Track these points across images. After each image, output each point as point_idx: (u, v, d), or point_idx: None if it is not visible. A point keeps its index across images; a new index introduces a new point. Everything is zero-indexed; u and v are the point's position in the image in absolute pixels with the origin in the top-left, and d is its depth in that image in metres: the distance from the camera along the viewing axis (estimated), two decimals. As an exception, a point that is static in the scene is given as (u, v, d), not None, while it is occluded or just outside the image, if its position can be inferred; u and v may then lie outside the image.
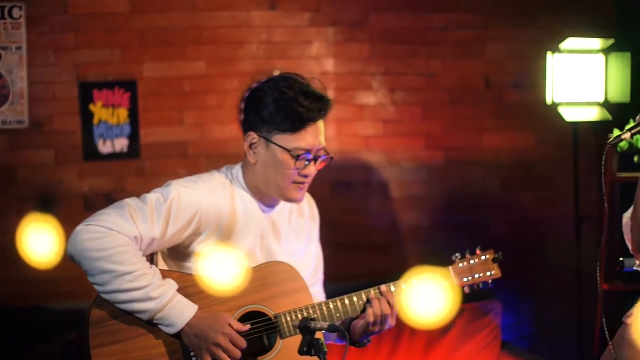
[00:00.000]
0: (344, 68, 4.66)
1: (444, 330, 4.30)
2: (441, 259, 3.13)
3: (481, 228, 4.86)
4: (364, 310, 2.95)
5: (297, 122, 2.84)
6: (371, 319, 2.92)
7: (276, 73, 4.50)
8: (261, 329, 2.86)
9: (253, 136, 2.89)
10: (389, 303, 2.94)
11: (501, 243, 4.63)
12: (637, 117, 3.01)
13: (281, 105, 2.84)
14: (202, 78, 4.53)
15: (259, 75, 4.53)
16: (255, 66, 4.56)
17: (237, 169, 2.98)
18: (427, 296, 2.94)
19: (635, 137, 4.62)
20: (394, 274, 3.03)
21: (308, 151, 2.86)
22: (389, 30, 4.71)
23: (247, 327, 2.80)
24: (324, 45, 4.64)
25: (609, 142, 2.96)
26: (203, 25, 4.51)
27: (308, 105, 2.84)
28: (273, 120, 2.85)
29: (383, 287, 2.98)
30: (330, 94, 4.57)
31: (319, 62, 4.63)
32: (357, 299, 2.95)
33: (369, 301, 2.94)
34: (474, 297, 4.00)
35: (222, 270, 2.86)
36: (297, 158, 2.85)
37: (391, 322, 2.96)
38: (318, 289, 3.15)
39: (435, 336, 4.29)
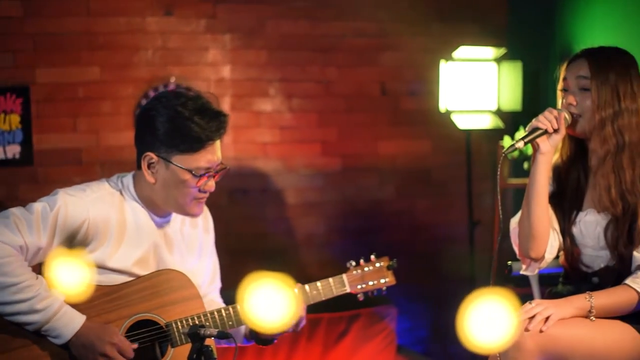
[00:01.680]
0: (241, 74, 4.65)
1: (340, 335, 4.32)
2: (337, 265, 3.15)
3: (377, 234, 4.90)
4: None
5: (196, 143, 2.82)
6: None
7: (172, 80, 4.48)
8: (152, 338, 2.84)
9: (151, 156, 2.85)
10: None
11: (397, 249, 4.73)
12: (528, 126, 3.10)
13: (177, 125, 2.80)
14: (97, 84, 4.46)
15: (154, 82, 4.50)
16: (150, 72, 4.52)
17: (129, 178, 2.94)
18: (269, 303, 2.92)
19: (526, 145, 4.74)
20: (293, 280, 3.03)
21: (208, 169, 2.85)
22: (286, 37, 4.73)
23: (135, 345, 2.78)
24: (220, 51, 4.63)
25: (504, 151, 3.04)
26: (97, 31, 4.45)
27: (205, 125, 2.81)
28: (171, 142, 2.81)
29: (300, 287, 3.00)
30: (227, 101, 4.58)
31: (215, 68, 4.62)
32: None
33: None
34: (369, 302, 4.05)
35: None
36: (199, 177, 2.83)
37: (303, 322, 2.99)
38: (215, 297, 3.14)
39: (332, 341, 4.31)
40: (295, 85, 4.76)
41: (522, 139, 3.05)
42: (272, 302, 2.86)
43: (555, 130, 3.06)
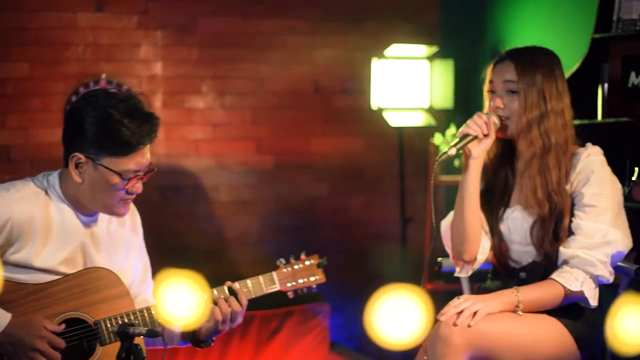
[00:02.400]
0: (173, 71, 4.63)
1: (273, 333, 4.33)
2: (270, 263, 3.15)
3: (310, 232, 4.91)
4: None
5: (127, 147, 2.78)
6: (219, 318, 2.91)
7: (103, 76, 4.44)
8: (80, 336, 2.81)
9: (79, 157, 2.80)
10: (239, 301, 2.95)
11: (330, 246, 4.75)
12: (458, 132, 3.13)
13: (107, 128, 2.75)
14: (26, 80, 4.40)
15: (85, 78, 4.45)
16: (81, 68, 4.47)
17: (55, 177, 2.90)
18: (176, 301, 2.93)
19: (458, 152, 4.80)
20: (223, 278, 3.02)
21: (137, 171, 2.82)
22: (218, 34, 4.71)
23: (62, 326, 2.74)
24: (152, 48, 4.60)
25: (437, 158, 3.08)
26: (27, 26, 4.39)
27: (136, 129, 2.76)
28: (100, 144, 2.77)
29: (236, 285, 2.98)
30: (159, 98, 4.55)
31: (147, 65, 4.58)
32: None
33: (214, 302, 2.93)
34: (302, 300, 4.05)
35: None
36: (127, 180, 2.80)
37: (240, 319, 2.97)
38: (148, 297, 3.12)
39: (264, 339, 4.31)
40: (228, 83, 4.75)
41: (454, 145, 3.08)
42: (179, 300, 2.86)
43: (486, 135, 3.10)
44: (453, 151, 3.06)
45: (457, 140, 3.11)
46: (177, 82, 4.64)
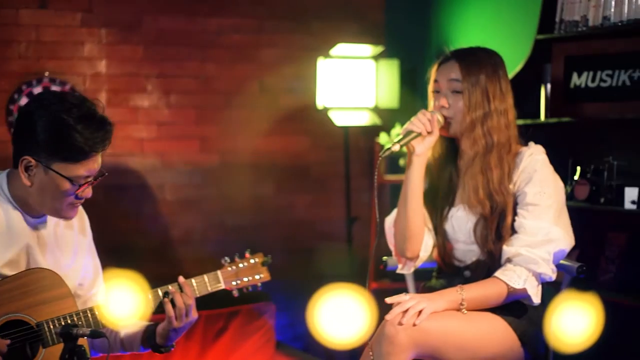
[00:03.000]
0: (117, 69, 4.58)
1: (218, 333, 4.31)
2: (215, 262, 3.14)
3: (256, 230, 4.90)
4: None
5: (79, 154, 2.73)
6: (172, 314, 2.89)
7: (46, 74, 4.38)
8: (22, 338, 2.77)
9: (29, 160, 2.75)
10: (188, 295, 2.93)
11: (276, 245, 4.75)
12: (402, 129, 3.15)
13: (60, 134, 2.70)
14: (-33, 78, 4.34)
15: (27, 76, 4.39)
16: (23, 66, 4.41)
17: (2, 177, 2.85)
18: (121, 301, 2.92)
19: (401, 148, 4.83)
20: (168, 277, 3.00)
21: (88, 177, 2.79)
22: (163, 32, 4.68)
23: (7, 341, 2.70)
24: (96, 46, 4.55)
25: (381, 154, 3.10)
26: (-33, 23, 4.33)
27: (89, 136, 2.71)
28: (52, 149, 2.72)
29: (180, 279, 2.96)
30: (103, 96, 4.51)
31: (91, 63, 4.54)
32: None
33: (165, 297, 2.91)
34: (248, 299, 4.05)
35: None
36: (78, 186, 2.77)
37: (193, 314, 2.95)
38: (100, 300, 3.08)
39: (210, 339, 4.29)
40: (173, 81, 4.72)
41: (397, 142, 3.11)
42: (122, 300, 2.84)
43: (429, 133, 3.13)
44: (397, 147, 3.08)
45: (401, 136, 3.13)
46: (122, 81, 4.60)
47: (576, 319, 2.75)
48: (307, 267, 5.00)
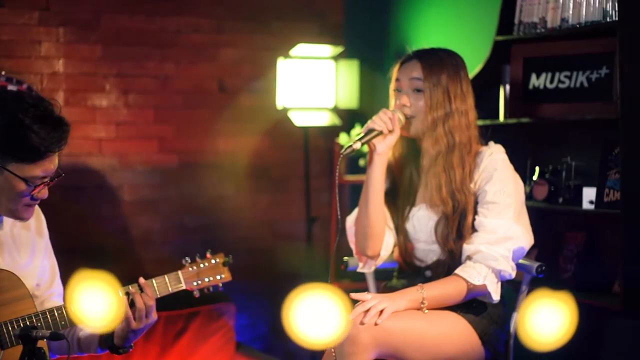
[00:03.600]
0: (75, 69, 4.53)
1: (178, 334, 4.28)
2: (175, 263, 3.12)
3: (216, 231, 4.88)
4: None
5: (35, 154, 2.70)
6: (130, 315, 2.87)
7: (2, 73, 4.32)
8: (-20, 340, 2.73)
9: None
10: (149, 295, 2.91)
11: (236, 245, 4.73)
12: (364, 127, 3.16)
13: (16, 133, 2.66)
14: None
15: (-17, 75, 4.34)
16: (-21, 65, 4.36)
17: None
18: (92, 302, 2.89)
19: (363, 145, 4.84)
20: (128, 278, 2.98)
21: (44, 177, 2.76)
22: (122, 31, 4.64)
23: None
24: (53, 45, 4.50)
25: (341, 152, 3.10)
26: None
27: (45, 136, 2.68)
28: (7, 149, 2.68)
29: (141, 280, 2.93)
30: (61, 96, 4.46)
31: (48, 62, 4.48)
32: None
33: (128, 298, 2.88)
34: (208, 300, 4.02)
35: None
36: (34, 186, 2.74)
37: (154, 316, 2.93)
38: (57, 300, 3.05)
39: (169, 341, 4.26)
40: (132, 81, 4.68)
41: (359, 139, 3.12)
42: (94, 301, 2.81)
43: (390, 131, 3.14)
44: (358, 145, 3.09)
45: (362, 134, 3.14)
46: (80, 80, 4.55)
47: (551, 319, 2.75)
48: (267, 267, 4.99)
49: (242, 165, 4.96)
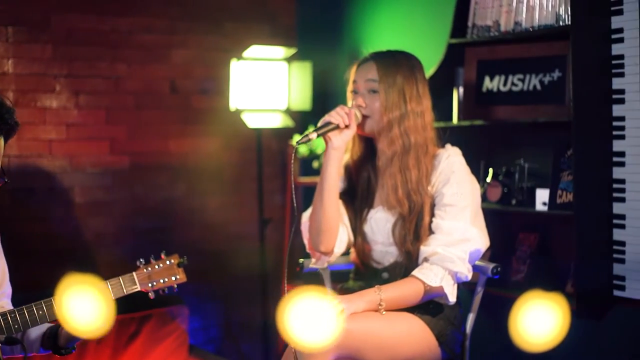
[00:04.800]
0: (25, 69, 4.46)
1: (131, 337, 4.24)
2: (128, 265, 3.09)
3: (168, 233, 4.84)
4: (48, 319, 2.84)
5: None
6: None
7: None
8: None
9: None
10: None
11: (189, 247, 4.69)
12: (321, 120, 3.16)
13: None
14: None
15: None
16: None
17: None
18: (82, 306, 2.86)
19: (315, 144, 4.84)
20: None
21: None
22: (73, 31, 4.58)
23: None
24: (2, 44, 4.42)
25: (297, 141, 3.10)
26: None
27: None
28: None
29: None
30: (10, 96, 4.39)
31: (-3, 62, 4.42)
32: (36, 308, 2.84)
33: None
34: (160, 303, 3.99)
35: None
36: None
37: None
38: (6, 304, 3.01)
39: (122, 344, 4.21)
40: (83, 81, 4.62)
41: (315, 131, 3.12)
42: (88, 307, 2.78)
43: (347, 126, 3.15)
44: (314, 135, 3.09)
45: (319, 126, 3.14)
46: (30, 81, 4.48)
47: (536, 319, 2.75)
48: (220, 268, 4.96)
49: (194, 167, 4.93)
